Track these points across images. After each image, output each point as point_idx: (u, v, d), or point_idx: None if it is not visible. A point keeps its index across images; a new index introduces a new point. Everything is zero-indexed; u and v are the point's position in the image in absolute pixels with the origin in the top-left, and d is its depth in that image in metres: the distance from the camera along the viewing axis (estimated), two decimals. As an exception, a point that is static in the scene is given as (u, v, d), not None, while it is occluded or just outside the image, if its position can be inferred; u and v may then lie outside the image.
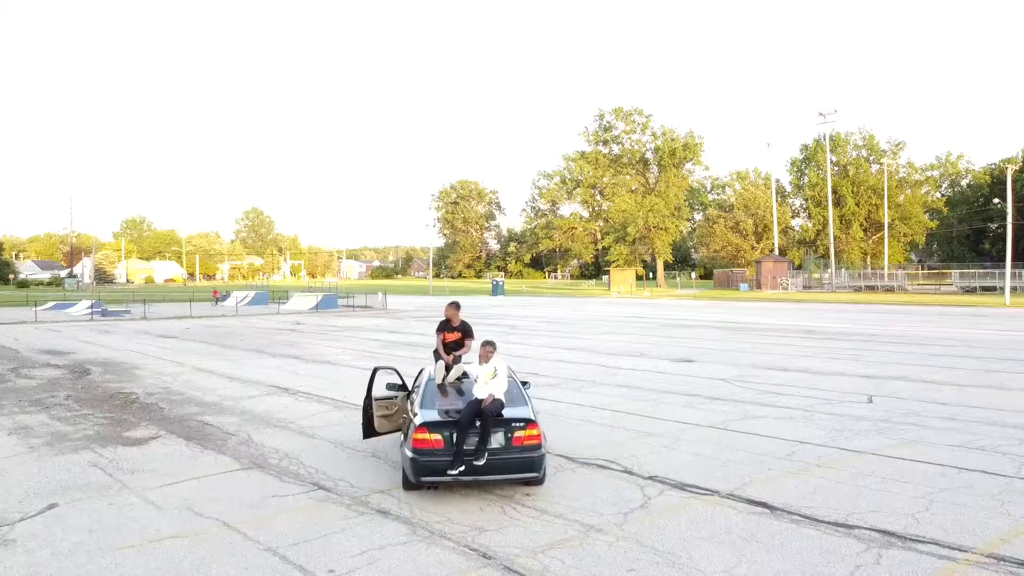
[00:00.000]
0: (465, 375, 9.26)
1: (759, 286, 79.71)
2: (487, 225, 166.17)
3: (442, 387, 9.10)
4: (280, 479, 8.98)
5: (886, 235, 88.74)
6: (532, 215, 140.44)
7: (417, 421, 8.08)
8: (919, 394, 14.71)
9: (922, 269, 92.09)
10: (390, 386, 9.92)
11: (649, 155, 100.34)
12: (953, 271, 75.05)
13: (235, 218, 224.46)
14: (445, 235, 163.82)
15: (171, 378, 17.99)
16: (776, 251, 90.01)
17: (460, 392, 8.89)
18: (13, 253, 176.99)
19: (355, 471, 9.26)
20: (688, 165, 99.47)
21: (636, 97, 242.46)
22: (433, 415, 8.26)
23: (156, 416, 13.17)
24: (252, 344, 26.56)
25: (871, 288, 74.09)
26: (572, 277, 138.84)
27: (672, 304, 56.90)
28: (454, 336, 10.30)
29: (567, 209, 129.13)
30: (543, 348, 24.39)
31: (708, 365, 19.71)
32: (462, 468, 7.71)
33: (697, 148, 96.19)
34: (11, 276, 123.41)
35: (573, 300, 66.08)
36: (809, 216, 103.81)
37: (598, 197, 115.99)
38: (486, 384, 8.44)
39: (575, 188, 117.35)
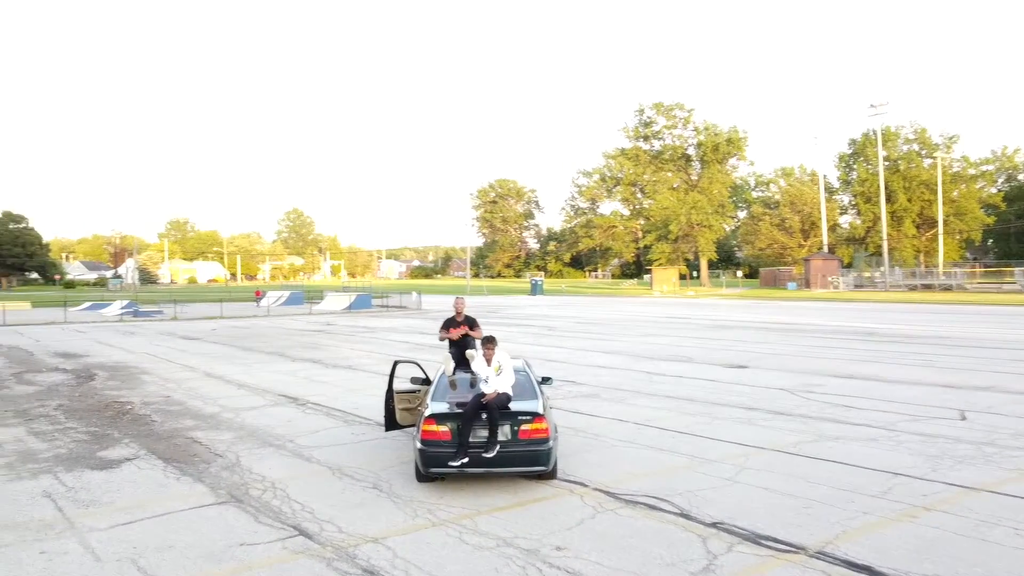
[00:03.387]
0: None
1: (808, 285, 76.74)
2: (526, 224, 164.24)
3: (454, 381, 9.07)
4: (256, 519, 7.37)
5: (940, 231, 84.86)
6: (571, 214, 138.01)
7: (426, 413, 8.26)
8: (1019, 409, 12.62)
9: (978, 267, 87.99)
10: (414, 379, 10.04)
11: (691, 151, 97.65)
12: (1015, 269, 71.20)
13: (276, 219, 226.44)
14: (484, 234, 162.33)
15: (176, 385, 16.60)
16: (825, 249, 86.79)
17: (473, 385, 8.80)
18: (63, 255, 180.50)
19: (348, 509, 7.60)
20: (732, 160, 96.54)
21: (677, 92, 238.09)
22: (442, 407, 8.40)
23: (143, 431, 11.69)
24: (274, 346, 25.21)
25: (927, 287, 70.69)
26: (613, 276, 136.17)
27: (717, 304, 54.57)
28: (460, 330, 10.55)
29: (607, 207, 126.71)
30: (581, 352, 22.60)
31: (764, 372, 17.77)
32: (465, 460, 7.84)
33: (741, 143, 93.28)
34: (57, 276, 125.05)
35: (614, 300, 64.03)
36: (858, 213, 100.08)
37: (639, 195, 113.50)
38: (496, 380, 8.44)
39: (615, 186, 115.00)
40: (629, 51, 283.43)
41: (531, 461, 8.06)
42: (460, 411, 8.14)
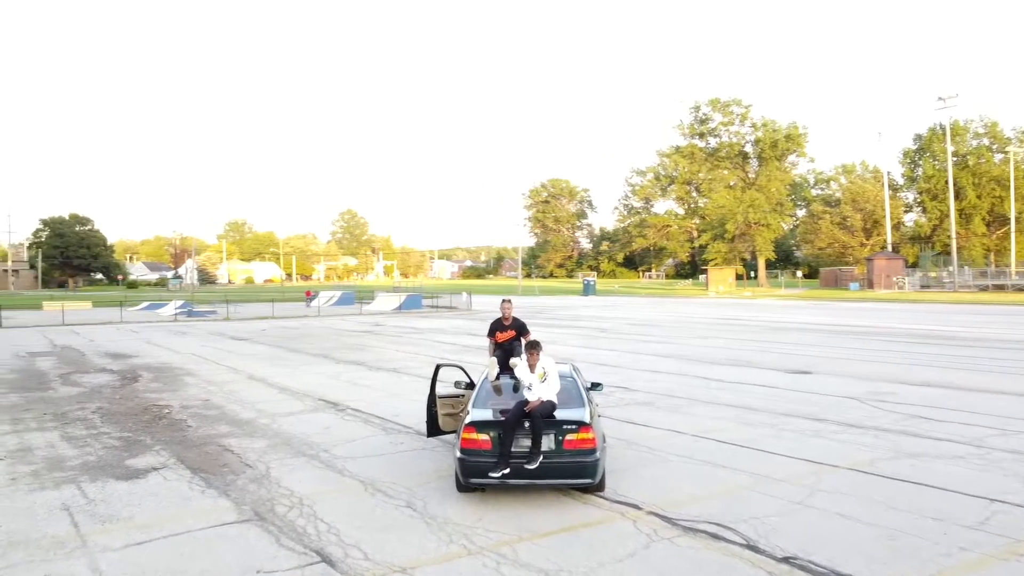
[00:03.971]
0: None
1: (871, 286, 74.14)
2: (578, 224, 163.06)
3: (498, 385, 8.76)
4: (278, 541, 6.77)
5: (1012, 229, 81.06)
6: (625, 213, 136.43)
7: (466, 420, 7.90)
8: (1122, 423, 11.39)
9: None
10: (458, 384, 9.69)
11: (748, 148, 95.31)
12: (1095, 268, 67.63)
13: (331, 219, 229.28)
14: (536, 234, 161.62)
15: (217, 388, 16.27)
16: (889, 248, 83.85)
17: (518, 389, 8.33)
18: (127, 256, 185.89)
19: (377, 532, 6.96)
20: (791, 157, 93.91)
21: (733, 88, 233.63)
22: (483, 414, 8.02)
23: (177, 437, 11.28)
24: (320, 348, 24.89)
25: (999, 287, 67.56)
26: (667, 277, 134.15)
27: (776, 305, 52.91)
28: (507, 335, 9.96)
29: (661, 206, 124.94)
30: (634, 355, 21.71)
31: (829, 378, 16.68)
32: (506, 471, 7.41)
33: (801, 139, 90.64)
34: (120, 277, 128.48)
35: (668, 300, 62.70)
36: (924, 210, 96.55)
37: (694, 193, 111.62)
38: (539, 387, 7.94)
39: (669, 184, 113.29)
40: (684, 47, 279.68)
41: (576, 473, 7.57)
42: (502, 419, 7.71)
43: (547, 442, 7.55)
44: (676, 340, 26.20)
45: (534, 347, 8.33)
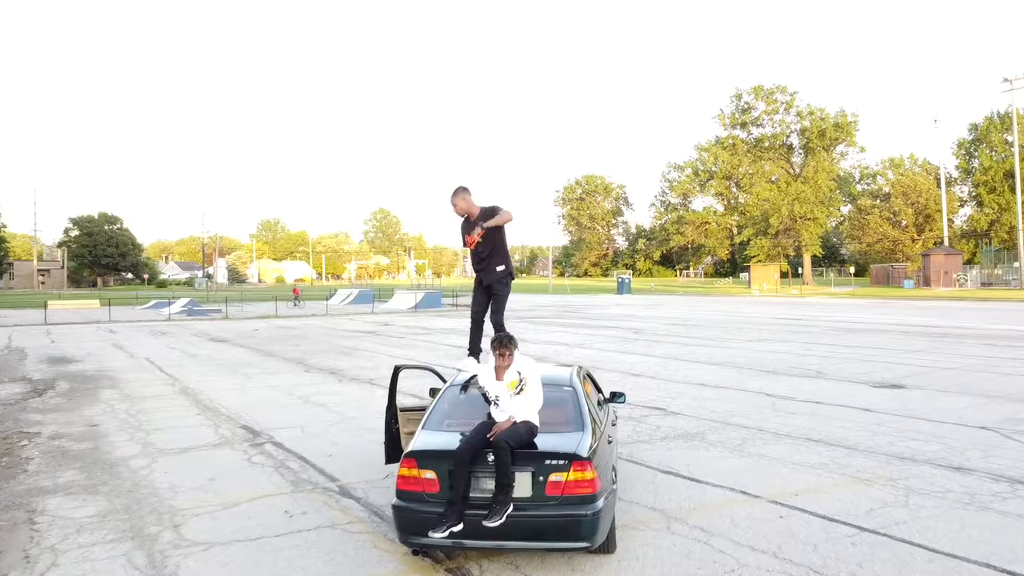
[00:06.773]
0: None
1: (927, 283, 68.73)
2: (614, 221, 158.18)
3: (485, 396, 5.72)
4: None
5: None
6: (662, 210, 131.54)
7: (407, 448, 5.39)
8: None
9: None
10: (434, 391, 7.11)
11: (794, 138, 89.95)
12: None
13: (363, 218, 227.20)
14: (570, 232, 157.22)
15: (128, 406, 12.52)
16: (945, 243, 78.21)
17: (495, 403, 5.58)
18: (163, 255, 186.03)
19: None
20: (840, 147, 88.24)
21: (774, 75, 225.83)
22: (434, 440, 5.43)
23: (-15, 492, 7.52)
24: (301, 351, 21.16)
25: (1072, 285, 61.87)
26: (705, 275, 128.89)
27: (828, 303, 48.15)
28: (479, 235, 6.65)
29: (700, 203, 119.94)
30: (676, 362, 17.61)
31: (934, 395, 12.46)
32: (455, 527, 4.86)
33: (851, 127, 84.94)
34: (146, 276, 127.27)
35: (708, 299, 58.13)
36: (980, 204, 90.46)
37: (734, 189, 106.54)
38: (511, 402, 5.36)
39: (708, 180, 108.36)
40: (722, 33, 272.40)
41: (565, 533, 5.02)
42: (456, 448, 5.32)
43: (522, 485, 5.06)
44: (724, 344, 21.97)
45: (504, 344, 5.62)
